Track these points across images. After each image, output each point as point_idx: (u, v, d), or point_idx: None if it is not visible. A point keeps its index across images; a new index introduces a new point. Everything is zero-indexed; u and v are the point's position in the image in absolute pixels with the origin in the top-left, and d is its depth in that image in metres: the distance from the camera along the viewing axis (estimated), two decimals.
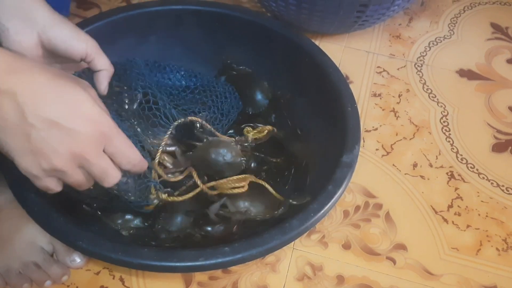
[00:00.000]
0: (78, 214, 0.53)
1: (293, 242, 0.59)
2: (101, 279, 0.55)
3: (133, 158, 0.44)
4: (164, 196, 0.55)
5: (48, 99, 0.38)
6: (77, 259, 0.55)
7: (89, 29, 0.64)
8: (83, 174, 0.42)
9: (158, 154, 0.56)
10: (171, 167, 0.58)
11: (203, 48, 0.70)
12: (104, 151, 0.42)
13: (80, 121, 0.39)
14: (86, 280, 0.55)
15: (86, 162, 0.40)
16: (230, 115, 0.64)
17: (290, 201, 0.55)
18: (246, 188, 0.56)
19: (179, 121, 0.58)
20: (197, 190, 0.57)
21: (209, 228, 0.54)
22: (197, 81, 0.67)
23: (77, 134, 0.39)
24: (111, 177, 0.43)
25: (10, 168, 0.52)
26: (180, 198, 0.57)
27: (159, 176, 0.56)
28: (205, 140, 0.58)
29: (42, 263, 0.53)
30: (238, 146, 0.59)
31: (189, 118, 0.59)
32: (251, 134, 0.62)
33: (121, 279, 0.56)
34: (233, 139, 0.61)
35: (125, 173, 0.46)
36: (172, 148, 0.58)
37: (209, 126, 0.59)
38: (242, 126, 0.64)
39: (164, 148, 0.57)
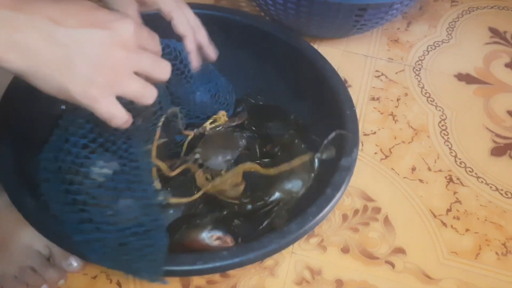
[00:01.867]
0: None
1: (291, 246, 0.58)
2: (98, 284, 0.55)
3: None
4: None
5: (66, 14, 0.37)
6: (74, 263, 0.54)
7: None
8: (137, 78, 0.41)
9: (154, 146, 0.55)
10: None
11: None
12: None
13: (106, 22, 0.38)
14: (83, 285, 0.55)
15: (133, 58, 0.40)
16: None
17: (318, 155, 0.57)
18: (242, 187, 0.56)
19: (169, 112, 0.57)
20: (202, 191, 0.56)
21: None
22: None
23: (112, 33, 0.38)
24: (163, 67, 0.43)
25: (6, 172, 0.52)
26: (184, 200, 0.55)
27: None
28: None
29: (39, 267, 0.53)
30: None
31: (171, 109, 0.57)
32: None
33: (118, 283, 0.55)
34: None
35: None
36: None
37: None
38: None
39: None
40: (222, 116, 0.64)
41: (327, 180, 0.53)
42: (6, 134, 0.54)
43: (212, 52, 0.60)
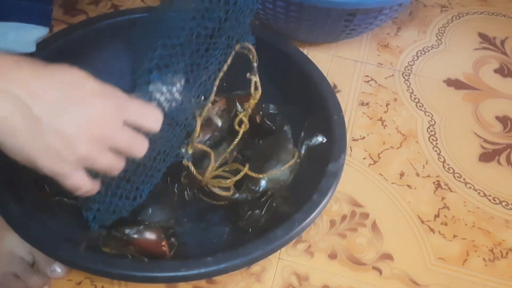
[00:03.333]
0: (58, 223, 0.52)
1: (278, 252, 0.58)
2: None
3: (156, 115, 0.42)
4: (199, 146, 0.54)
5: (47, 85, 0.36)
6: (58, 269, 0.53)
7: (75, 35, 0.64)
8: (110, 154, 0.40)
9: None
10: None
11: None
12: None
13: (89, 98, 0.37)
14: None
15: (109, 137, 0.38)
16: None
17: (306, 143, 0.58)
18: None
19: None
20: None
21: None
22: None
23: (92, 111, 0.37)
24: (140, 145, 0.41)
25: None
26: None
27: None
28: None
29: (22, 274, 0.52)
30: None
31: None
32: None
33: None
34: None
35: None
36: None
37: None
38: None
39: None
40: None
41: (314, 186, 0.53)
42: None
43: None
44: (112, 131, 0.39)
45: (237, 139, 0.60)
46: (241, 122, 0.60)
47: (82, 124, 0.37)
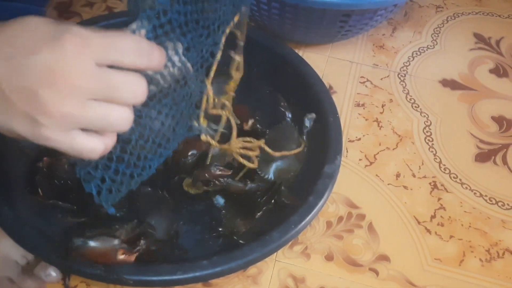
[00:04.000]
0: (53, 226, 0.51)
1: (275, 254, 0.58)
2: None
3: (136, 45, 0.33)
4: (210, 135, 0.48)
5: (10, 37, 0.31)
6: (53, 273, 0.53)
7: None
8: (99, 105, 0.33)
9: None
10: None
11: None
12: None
13: (47, 44, 0.31)
14: None
15: (85, 84, 0.32)
16: None
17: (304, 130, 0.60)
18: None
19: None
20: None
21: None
22: None
23: (52, 57, 0.31)
24: (133, 86, 0.33)
25: None
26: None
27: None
28: None
29: (16, 278, 0.52)
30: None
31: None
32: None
33: None
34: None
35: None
36: None
37: None
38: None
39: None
40: None
41: (310, 188, 0.53)
42: None
43: None
44: (86, 75, 0.32)
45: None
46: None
47: (44, 76, 0.31)
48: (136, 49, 0.33)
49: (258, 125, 0.61)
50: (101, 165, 0.38)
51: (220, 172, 0.55)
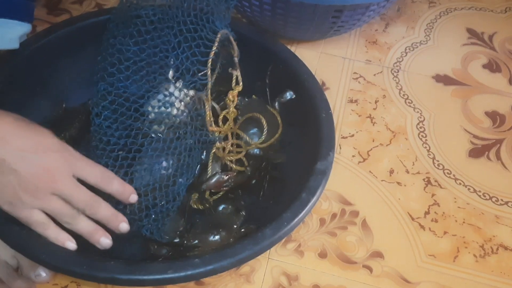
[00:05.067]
0: None
1: (268, 252, 0.57)
2: None
3: (101, 172, 0.48)
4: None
5: (17, 136, 0.44)
6: (43, 273, 0.52)
7: (59, 34, 0.63)
8: (57, 201, 0.45)
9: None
10: None
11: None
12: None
13: (46, 151, 0.45)
14: None
15: (55, 184, 0.45)
16: None
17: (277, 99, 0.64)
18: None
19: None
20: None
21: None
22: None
23: (45, 161, 0.44)
24: (83, 198, 0.46)
25: None
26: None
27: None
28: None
29: (6, 279, 0.51)
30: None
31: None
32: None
33: None
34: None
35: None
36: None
37: None
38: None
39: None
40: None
41: (303, 184, 0.52)
42: None
43: None
44: (61, 179, 0.45)
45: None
46: (225, 120, 0.62)
47: (34, 170, 0.44)
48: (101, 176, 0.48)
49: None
50: (144, 216, 0.50)
51: (227, 177, 0.58)
